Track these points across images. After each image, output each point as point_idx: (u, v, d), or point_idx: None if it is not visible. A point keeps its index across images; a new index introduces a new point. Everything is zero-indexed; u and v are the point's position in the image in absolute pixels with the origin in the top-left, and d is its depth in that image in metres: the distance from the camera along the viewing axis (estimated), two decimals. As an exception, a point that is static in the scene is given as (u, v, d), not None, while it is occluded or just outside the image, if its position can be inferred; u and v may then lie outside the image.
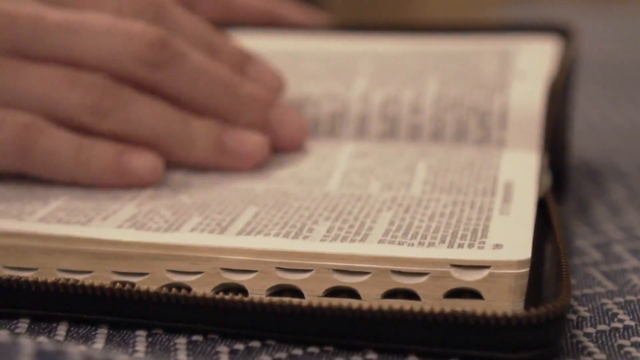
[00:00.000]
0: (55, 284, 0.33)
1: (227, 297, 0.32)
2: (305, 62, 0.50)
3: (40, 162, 0.39)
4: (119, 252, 0.34)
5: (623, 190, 0.48)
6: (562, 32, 0.50)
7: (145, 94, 0.40)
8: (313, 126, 0.44)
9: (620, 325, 0.34)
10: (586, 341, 0.33)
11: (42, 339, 0.33)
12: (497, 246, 0.33)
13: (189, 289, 0.33)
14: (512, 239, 0.34)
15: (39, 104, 0.39)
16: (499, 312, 0.30)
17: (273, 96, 0.43)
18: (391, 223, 0.35)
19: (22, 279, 0.33)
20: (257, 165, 0.41)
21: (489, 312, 0.31)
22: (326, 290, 0.33)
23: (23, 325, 0.34)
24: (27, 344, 0.29)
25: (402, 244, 0.33)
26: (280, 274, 0.33)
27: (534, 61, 0.47)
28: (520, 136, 0.43)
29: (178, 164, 0.41)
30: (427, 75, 0.47)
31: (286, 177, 0.40)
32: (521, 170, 0.40)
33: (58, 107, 0.39)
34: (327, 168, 0.41)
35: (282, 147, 0.42)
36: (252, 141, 0.41)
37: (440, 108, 0.44)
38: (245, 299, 0.32)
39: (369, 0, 1.58)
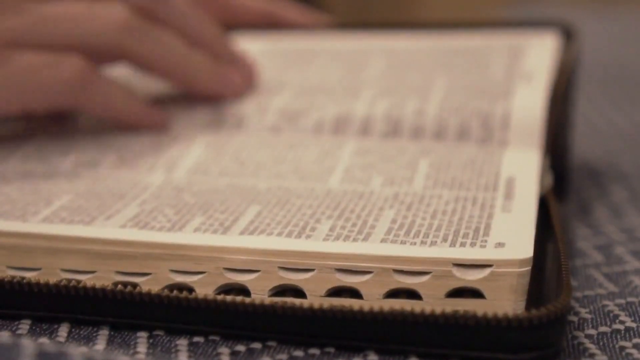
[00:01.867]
0: (56, 285, 0.33)
1: (228, 298, 0.32)
2: (315, 62, 0.50)
3: (98, 94, 0.44)
4: (122, 252, 0.34)
5: (624, 192, 0.48)
6: (563, 29, 0.50)
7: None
8: (318, 126, 0.45)
9: (621, 327, 0.34)
10: (587, 343, 0.33)
11: (44, 340, 0.33)
12: (499, 245, 0.33)
13: (191, 290, 0.33)
14: (514, 237, 0.34)
15: None
16: (500, 313, 0.30)
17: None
18: (393, 221, 0.35)
19: (24, 280, 0.33)
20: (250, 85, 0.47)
21: (489, 313, 0.31)
22: (328, 290, 0.33)
23: (24, 326, 0.34)
24: (28, 345, 0.29)
25: (405, 243, 0.33)
26: (283, 273, 0.33)
27: (539, 59, 0.47)
28: (522, 137, 0.43)
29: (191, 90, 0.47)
30: (434, 81, 0.47)
31: (288, 173, 0.40)
32: (523, 167, 0.40)
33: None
34: (329, 164, 0.41)
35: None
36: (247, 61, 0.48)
37: (443, 111, 0.44)
38: (246, 300, 0.32)
39: (370, 2, 1.58)
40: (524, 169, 0.39)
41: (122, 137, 0.44)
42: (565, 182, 0.47)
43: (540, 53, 0.48)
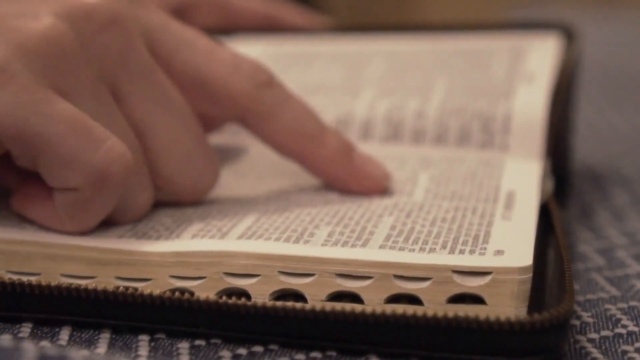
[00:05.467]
0: (58, 287, 0.33)
1: (230, 301, 0.32)
2: (316, 64, 0.50)
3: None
4: (121, 258, 0.34)
5: (626, 196, 0.48)
6: (565, 31, 0.50)
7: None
8: None
9: (623, 331, 0.34)
10: (590, 347, 0.33)
11: (45, 343, 0.33)
12: (499, 252, 0.33)
13: (192, 294, 0.33)
14: (513, 244, 0.33)
15: None
16: (502, 318, 0.30)
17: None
18: (392, 228, 0.35)
19: (26, 283, 0.33)
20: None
21: (492, 317, 0.30)
22: (329, 294, 0.33)
23: (26, 329, 0.33)
24: (29, 348, 0.29)
25: (403, 250, 0.33)
26: (283, 278, 0.33)
27: (540, 61, 0.47)
28: (523, 141, 0.43)
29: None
30: (435, 81, 0.47)
31: (288, 186, 0.40)
32: (523, 179, 0.40)
33: None
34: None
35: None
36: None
37: (444, 113, 0.44)
38: (248, 302, 0.32)
39: (370, 4, 1.58)
40: (524, 182, 0.39)
41: None
42: (567, 186, 0.47)
43: (541, 54, 0.48)
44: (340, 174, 0.39)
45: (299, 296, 0.33)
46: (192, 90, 0.38)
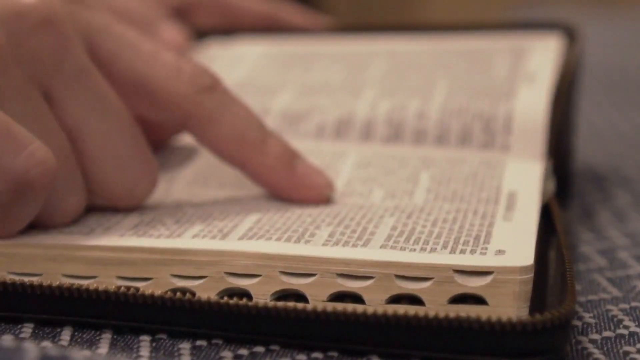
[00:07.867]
0: (59, 287, 0.33)
1: (232, 301, 0.32)
2: (317, 64, 0.50)
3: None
4: (122, 257, 0.34)
5: (628, 196, 0.48)
6: (567, 31, 0.50)
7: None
8: (319, 130, 0.44)
9: (625, 331, 0.34)
10: (591, 348, 0.33)
11: (47, 343, 0.33)
12: (500, 252, 0.33)
13: (193, 294, 0.33)
14: (514, 245, 0.33)
15: None
16: (504, 318, 0.30)
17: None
18: (393, 228, 0.35)
19: (27, 283, 0.33)
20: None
21: (493, 317, 0.30)
22: (330, 295, 0.33)
23: (27, 329, 0.33)
24: (31, 348, 0.29)
25: (404, 249, 0.33)
26: (285, 278, 0.33)
27: (542, 61, 0.47)
28: (524, 141, 0.43)
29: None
30: (436, 81, 0.47)
31: None
32: (525, 180, 0.40)
33: None
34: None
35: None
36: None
37: (445, 114, 0.44)
38: (250, 303, 0.32)
39: (371, 4, 1.58)
40: (526, 182, 0.39)
41: None
42: (568, 186, 0.47)
43: (543, 55, 0.48)
44: (280, 182, 0.38)
45: (300, 296, 0.33)
46: (133, 94, 0.38)
